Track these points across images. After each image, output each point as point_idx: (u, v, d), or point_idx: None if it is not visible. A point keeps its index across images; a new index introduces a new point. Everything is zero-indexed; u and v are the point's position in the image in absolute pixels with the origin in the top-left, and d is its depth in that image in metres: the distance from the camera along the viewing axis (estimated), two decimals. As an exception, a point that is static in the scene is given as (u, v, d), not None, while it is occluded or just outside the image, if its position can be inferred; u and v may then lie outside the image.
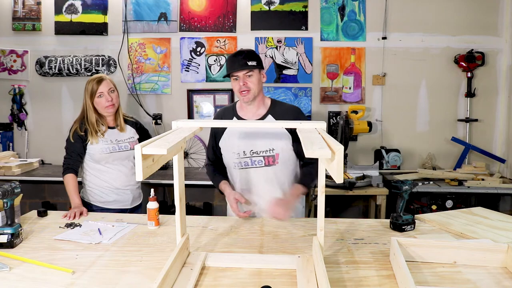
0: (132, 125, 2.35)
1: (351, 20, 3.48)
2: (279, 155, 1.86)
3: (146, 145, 0.99)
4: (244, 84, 1.82)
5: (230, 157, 1.91)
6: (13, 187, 1.54)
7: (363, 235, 1.64)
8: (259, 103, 1.91)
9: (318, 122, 1.36)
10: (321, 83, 3.53)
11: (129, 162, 2.29)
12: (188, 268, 1.30)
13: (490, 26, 3.42)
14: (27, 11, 3.55)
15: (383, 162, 3.39)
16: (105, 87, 2.15)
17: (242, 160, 1.88)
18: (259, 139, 1.86)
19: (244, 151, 1.87)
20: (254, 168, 1.88)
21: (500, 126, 3.50)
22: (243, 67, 1.80)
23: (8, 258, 1.40)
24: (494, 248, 1.32)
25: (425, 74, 3.50)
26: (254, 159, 1.87)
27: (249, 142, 1.86)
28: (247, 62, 1.79)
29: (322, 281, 1.10)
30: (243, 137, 1.87)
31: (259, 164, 1.87)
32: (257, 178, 1.89)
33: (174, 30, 3.52)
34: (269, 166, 1.87)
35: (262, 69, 1.89)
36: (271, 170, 1.87)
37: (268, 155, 1.86)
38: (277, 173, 1.88)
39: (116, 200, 2.24)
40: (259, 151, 1.86)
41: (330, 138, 1.09)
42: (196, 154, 3.60)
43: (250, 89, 1.83)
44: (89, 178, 2.23)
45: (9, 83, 3.59)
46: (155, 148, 0.97)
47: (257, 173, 1.89)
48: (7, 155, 3.42)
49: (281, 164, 1.87)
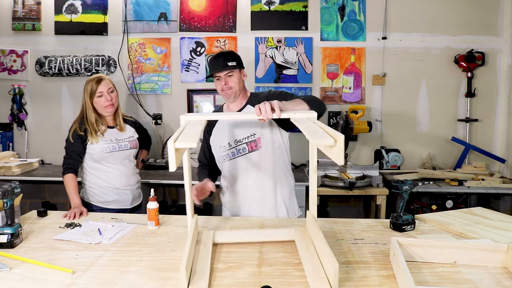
0: (131, 124, 2.36)
1: (351, 20, 3.48)
2: (260, 138, 1.93)
3: (176, 140, 1.14)
4: (225, 84, 1.92)
5: (219, 152, 2.01)
6: (13, 187, 1.54)
7: (363, 235, 1.64)
8: (241, 98, 2.01)
9: (309, 112, 1.51)
10: (321, 83, 3.53)
11: (129, 162, 2.29)
12: (202, 245, 1.46)
13: (490, 26, 3.42)
14: (27, 11, 3.55)
15: (383, 162, 3.39)
16: (105, 87, 2.16)
17: (229, 152, 1.97)
18: (240, 128, 1.95)
19: (229, 142, 1.97)
20: (240, 156, 1.96)
21: (500, 126, 3.50)
22: (223, 68, 1.90)
23: (8, 258, 1.40)
24: (494, 248, 1.32)
25: (425, 74, 3.50)
26: (239, 147, 1.95)
27: (232, 133, 1.96)
28: (228, 63, 1.90)
29: (323, 247, 1.26)
30: (227, 130, 1.97)
31: (244, 151, 1.95)
32: (244, 165, 1.96)
33: (174, 30, 3.52)
34: (252, 151, 1.94)
35: (242, 68, 1.98)
36: (256, 155, 1.94)
37: (250, 140, 1.94)
38: (262, 156, 1.94)
39: (116, 200, 2.24)
40: (241, 139, 1.95)
41: (326, 127, 1.21)
42: (196, 154, 3.59)
43: (231, 87, 1.93)
44: (89, 178, 2.23)
45: (9, 83, 3.59)
46: (185, 142, 1.13)
47: (244, 161, 1.96)
48: (7, 155, 3.42)
49: (264, 148, 1.94)
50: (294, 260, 1.39)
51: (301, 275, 1.28)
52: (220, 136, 2.00)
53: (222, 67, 1.90)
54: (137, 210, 2.34)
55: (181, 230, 1.71)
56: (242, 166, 1.96)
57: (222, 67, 1.89)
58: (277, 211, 1.99)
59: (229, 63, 1.89)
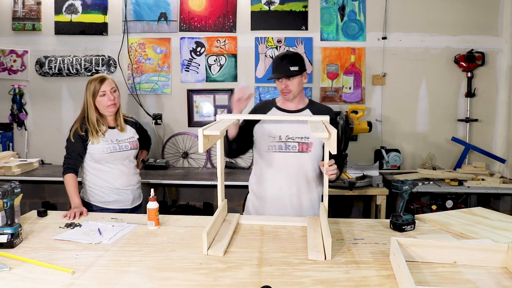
0: (132, 125, 2.35)
1: (351, 20, 3.48)
2: (312, 144, 1.99)
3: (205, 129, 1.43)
4: (285, 87, 1.98)
5: (265, 141, 2.02)
6: (13, 187, 1.54)
7: (363, 235, 1.64)
8: (299, 101, 2.07)
9: (323, 116, 1.80)
10: (321, 83, 3.53)
11: (129, 162, 2.29)
12: (226, 223, 1.74)
13: (490, 26, 3.42)
14: (27, 11, 3.55)
15: (383, 162, 3.39)
16: (108, 87, 2.15)
17: (277, 144, 2.00)
18: (295, 127, 1.99)
19: (280, 135, 2.00)
20: (288, 152, 1.99)
21: (500, 126, 3.50)
22: (286, 73, 1.95)
23: (8, 258, 1.40)
24: (494, 248, 1.32)
25: (425, 74, 3.50)
26: (288, 144, 2.00)
27: (285, 128, 2.00)
28: (290, 68, 1.95)
29: (324, 227, 1.56)
30: (279, 123, 2.01)
31: (293, 149, 1.99)
32: (288, 162, 1.99)
33: (174, 30, 3.52)
34: (302, 152, 1.99)
35: (304, 72, 2.02)
36: (304, 157, 1.99)
37: (302, 141, 1.99)
38: (308, 161, 2.00)
39: (117, 200, 2.24)
40: (294, 137, 1.99)
41: (330, 126, 1.58)
42: (196, 154, 3.60)
43: (291, 90, 1.98)
44: (89, 178, 2.22)
45: (9, 83, 3.59)
46: (212, 131, 1.42)
47: (290, 158, 1.99)
48: (7, 155, 3.42)
49: (313, 154, 2.00)
50: (294, 260, 1.39)
51: (301, 275, 1.28)
52: (271, 125, 2.01)
53: (284, 72, 1.95)
54: (137, 210, 2.34)
55: (181, 230, 1.71)
56: (285, 162, 2.00)
57: (285, 72, 1.95)
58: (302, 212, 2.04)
59: (292, 68, 1.95)
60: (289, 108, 2.06)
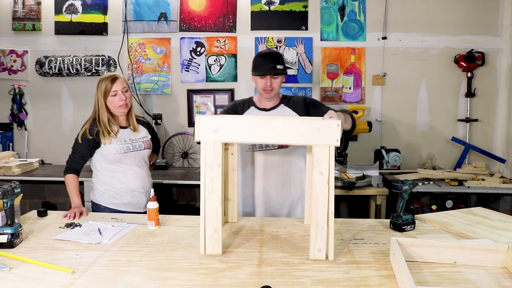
0: (143, 124, 2.30)
1: (351, 20, 3.48)
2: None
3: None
4: (270, 85, 1.99)
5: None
6: (13, 187, 1.54)
7: (363, 235, 1.64)
8: (275, 98, 2.11)
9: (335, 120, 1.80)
10: (321, 83, 3.53)
11: (144, 163, 2.22)
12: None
13: (490, 26, 3.42)
14: (27, 11, 3.55)
15: (383, 162, 3.39)
16: (119, 86, 2.09)
17: (257, 144, 2.04)
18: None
19: None
20: (268, 150, 2.05)
21: (500, 126, 3.50)
22: (272, 71, 1.96)
23: (8, 258, 1.40)
24: (494, 248, 1.32)
25: (425, 74, 3.50)
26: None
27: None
28: (276, 66, 1.96)
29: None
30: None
31: (273, 146, 2.05)
32: (271, 159, 2.05)
33: (174, 30, 3.52)
34: (282, 148, 2.05)
35: (286, 71, 2.07)
36: (285, 153, 2.05)
37: None
38: (290, 157, 2.05)
39: (131, 203, 2.16)
40: None
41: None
42: (196, 154, 3.60)
43: (273, 89, 2.01)
44: (102, 178, 2.14)
45: (9, 83, 3.59)
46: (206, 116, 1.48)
47: (270, 155, 2.05)
48: (7, 155, 3.42)
49: (294, 149, 2.05)
50: (294, 260, 1.39)
51: (301, 275, 1.28)
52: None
53: (271, 69, 1.96)
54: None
55: (181, 230, 1.71)
56: (267, 160, 2.04)
57: (271, 69, 1.96)
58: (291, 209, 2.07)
59: (278, 66, 1.96)
60: (266, 106, 2.09)
